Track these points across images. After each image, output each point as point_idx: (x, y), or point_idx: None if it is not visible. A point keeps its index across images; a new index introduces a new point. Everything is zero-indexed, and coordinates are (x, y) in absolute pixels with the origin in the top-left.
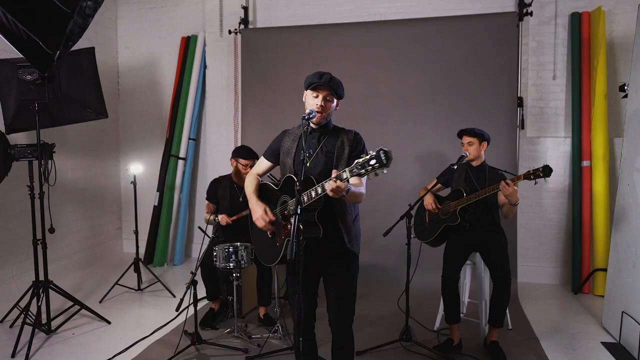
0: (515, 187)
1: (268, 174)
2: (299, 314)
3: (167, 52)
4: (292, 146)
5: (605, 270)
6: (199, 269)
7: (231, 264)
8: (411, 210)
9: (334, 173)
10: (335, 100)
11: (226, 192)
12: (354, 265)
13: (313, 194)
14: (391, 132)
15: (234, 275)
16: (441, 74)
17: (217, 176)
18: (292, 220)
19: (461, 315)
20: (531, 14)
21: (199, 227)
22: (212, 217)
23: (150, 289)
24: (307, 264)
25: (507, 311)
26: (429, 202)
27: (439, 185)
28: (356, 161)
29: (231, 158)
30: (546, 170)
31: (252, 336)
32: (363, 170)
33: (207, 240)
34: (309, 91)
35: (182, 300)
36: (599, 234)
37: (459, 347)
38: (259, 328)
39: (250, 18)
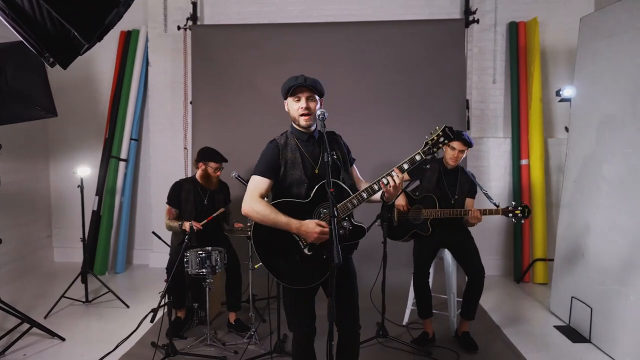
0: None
1: (236, 175)
2: (332, 318)
3: (104, 46)
4: (294, 156)
5: (544, 260)
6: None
7: (204, 270)
8: (386, 210)
9: (396, 170)
10: (318, 100)
11: (190, 196)
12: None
13: (365, 195)
14: (347, 133)
15: (208, 281)
16: (394, 76)
17: (163, 177)
18: (347, 225)
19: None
20: (477, 21)
21: (154, 232)
22: (177, 224)
23: (99, 300)
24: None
25: None
26: (401, 203)
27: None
28: (425, 142)
29: (198, 162)
30: (525, 212)
31: (226, 343)
32: (435, 148)
33: (160, 245)
34: (289, 99)
35: (156, 310)
36: (538, 227)
37: (432, 339)
38: (231, 334)
39: (197, 14)
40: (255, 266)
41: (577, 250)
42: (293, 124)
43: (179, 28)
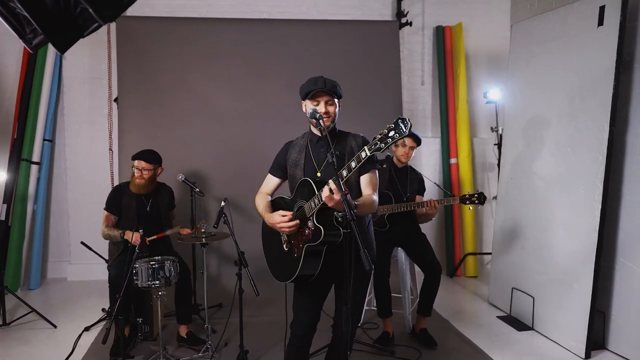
0: (438, 208)
1: (182, 178)
2: (348, 326)
3: (5, 35)
4: (299, 157)
5: (474, 254)
6: (109, 289)
7: (157, 282)
8: None
9: (331, 181)
10: (337, 103)
11: (132, 201)
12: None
13: (316, 201)
14: (282, 131)
15: (160, 293)
16: (331, 76)
17: (81, 182)
18: (311, 225)
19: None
20: (410, 24)
21: (82, 243)
22: (118, 233)
23: (20, 322)
24: (323, 272)
25: None
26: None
27: None
28: (374, 138)
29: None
30: (481, 198)
31: (181, 359)
32: (383, 144)
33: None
34: (307, 101)
35: (108, 330)
36: (467, 222)
37: (393, 338)
38: (183, 349)
39: None
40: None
41: (516, 243)
42: (311, 125)
43: None
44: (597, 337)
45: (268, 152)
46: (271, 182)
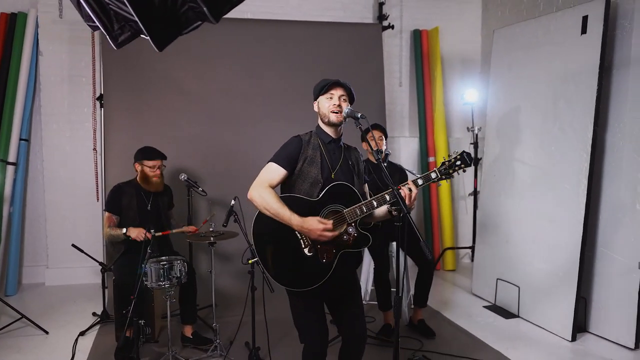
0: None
1: (185, 178)
2: (397, 314)
3: None
4: (315, 154)
5: (452, 249)
6: (114, 291)
7: (168, 282)
8: None
9: (410, 183)
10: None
11: (132, 201)
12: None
13: (375, 203)
14: (272, 132)
15: (169, 293)
16: (317, 77)
17: (59, 183)
18: (352, 232)
19: (366, 301)
20: (392, 27)
21: (73, 245)
22: (121, 232)
23: (7, 330)
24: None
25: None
26: None
27: None
28: (442, 162)
29: (134, 162)
30: (450, 169)
31: (190, 359)
32: (451, 170)
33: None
34: (321, 97)
35: (124, 333)
36: (445, 218)
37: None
38: (188, 349)
39: None
40: (250, 261)
41: (500, 237)
42: (320, 123)
43: None
44: (579, 321)
45: (256, 152)
46: (278, 174)
